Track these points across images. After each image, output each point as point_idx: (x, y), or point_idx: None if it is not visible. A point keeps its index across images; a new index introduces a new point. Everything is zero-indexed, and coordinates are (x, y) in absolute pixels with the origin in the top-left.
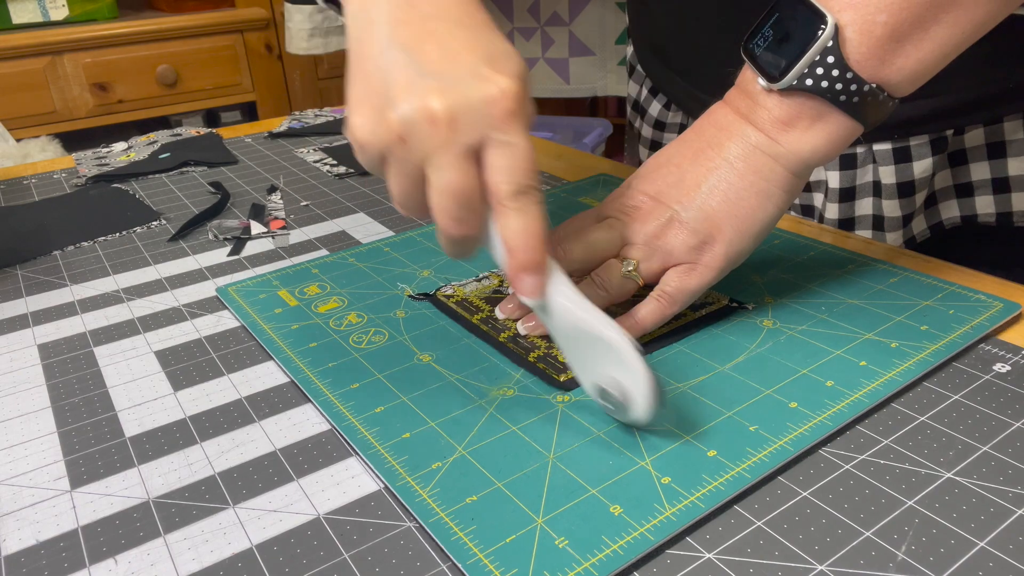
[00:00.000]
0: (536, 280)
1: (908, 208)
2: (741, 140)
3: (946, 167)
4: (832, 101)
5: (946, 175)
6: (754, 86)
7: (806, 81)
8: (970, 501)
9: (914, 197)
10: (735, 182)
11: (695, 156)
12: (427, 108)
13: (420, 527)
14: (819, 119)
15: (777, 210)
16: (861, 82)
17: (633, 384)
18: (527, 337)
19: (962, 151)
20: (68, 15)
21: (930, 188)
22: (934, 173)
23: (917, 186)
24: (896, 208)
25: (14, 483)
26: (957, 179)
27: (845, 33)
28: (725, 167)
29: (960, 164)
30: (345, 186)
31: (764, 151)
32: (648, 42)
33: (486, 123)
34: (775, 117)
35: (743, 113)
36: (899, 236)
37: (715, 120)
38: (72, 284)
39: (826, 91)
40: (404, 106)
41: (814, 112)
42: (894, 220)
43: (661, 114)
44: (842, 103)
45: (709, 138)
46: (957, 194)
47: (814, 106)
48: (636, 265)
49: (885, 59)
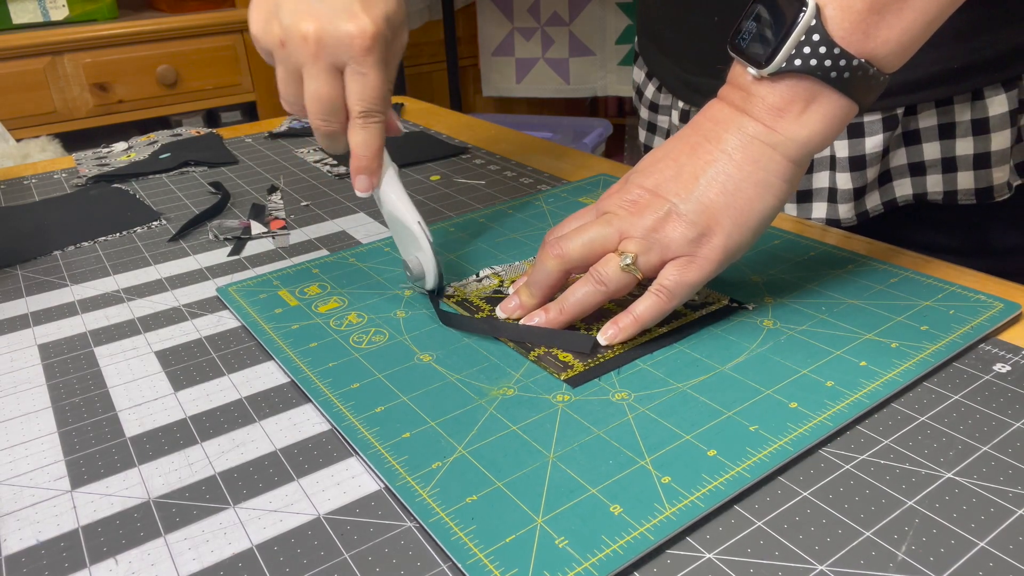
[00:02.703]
0: (368, 180)
1: (860, 182)
2: (738, 132)
3: (901, 146)
4: (823, 79)
5: (901, 154)
6: (745, 78)
7: (795, 62)
8: (970, 501)
9: (865, 171)
10: (733, 173)
11: (693, 150)
12: (300, 28)
13: (420, 527)
14: (813, 101)
15: (777, 200)
16: (849, 57)
17: (426, 264)
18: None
19: (916, 131)
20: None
21: (884, 165)
22: (887, 150)
23: (868, 161)
24: (848, 181)
25: (14, 483)
26: (911, 158)
27: (826, 11)
28: (723, 159)
29: (914, 144)
30: (345, 186)
31: (762, 140)
32: (648, 30)
33: (345, 52)
34: (769, 105)
35: (738, 106)
36: (851, 208)
37: (711, 115)
38: (72, 284)
39: (816, 69)
40: (286, 20)
41: (807, 94)
42: (846, 192)
43: (655, 96)
44: (833, 80)
45: (706, 132)
46: (911, 172)
47: (807, 88)
48: (634, 258)
49: (869, 32)
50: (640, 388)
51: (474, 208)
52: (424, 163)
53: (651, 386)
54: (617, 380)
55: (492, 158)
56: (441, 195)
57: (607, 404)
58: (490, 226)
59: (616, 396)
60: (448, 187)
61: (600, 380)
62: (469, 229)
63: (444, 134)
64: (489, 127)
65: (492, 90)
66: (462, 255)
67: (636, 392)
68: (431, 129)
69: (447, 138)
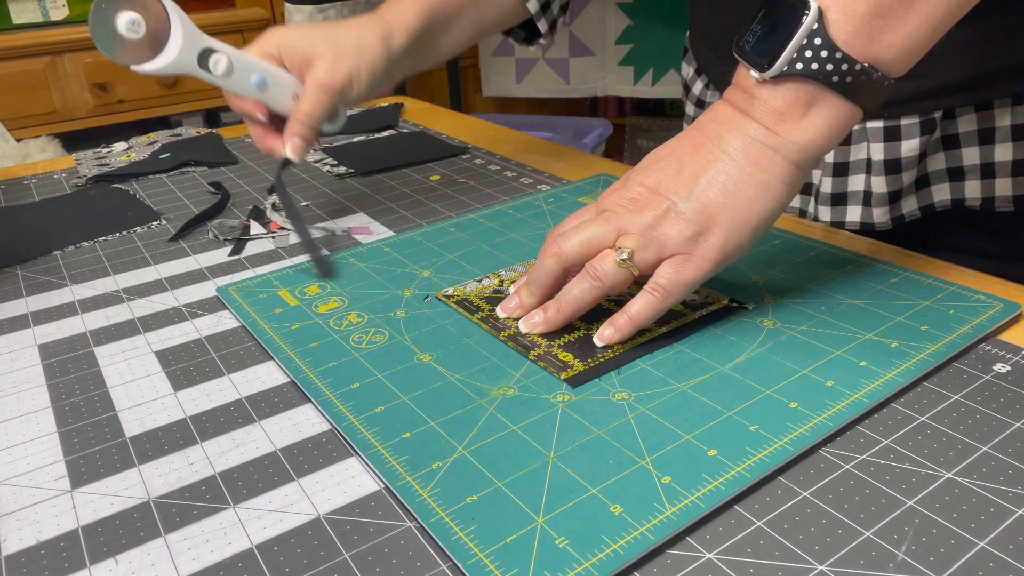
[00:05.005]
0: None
1: (895, 185)
2: (740, 133)
3: (940, 151)
4: (825, 83)
5: (939, 158)
6: (748, 80)
7: (796, 66)
8: (970, 501)
9: (901, 175)
10: (734, 174)
11: (695, 149)
12: None
13: (420, 527)
14: (814, 104)
15: (776, 203)
16: (852, 62)
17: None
18: (527, 336)
19: (955, 135)
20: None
21: (922, 169)
22: (924, 154)
23: (904, 164)
24: (883, 184)
25: (14, 483)
26: (950, 163)
27: (829, 15)
28: (724, 159)
29: (953, 148)
30: (345, 186)
31: (763, 143)
32: (699, 25)
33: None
34: (772, 108)
35: (741, 108)
36: (886, 212)
37: (715, 115)
38: (72, 284)
39: (817, 73)
40: None
41: (809, 98)
42: (881, 196)
43: (702, 92)
44: (835, 84)
45: (709, 133)
46: (949, 178)
47: (808, 91)
48: (631, 253)
49: (873, 36)
50: (640, 388)
51: (474, 208)
52: (424, 163)
53: (651, 386)
54: (617, 380)
55: (492, 158)
56: (441, 195)
57: (607, 404)
58: (490, 226)
59: (616, 396)
60: (448, 187)
61: (600, 380)
62: (469, 229)
63: (444, 134)
64: (489, 127)
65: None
66: (462, 255)
67: (636, 392)
68: (431, 129)
69: (447, 138)
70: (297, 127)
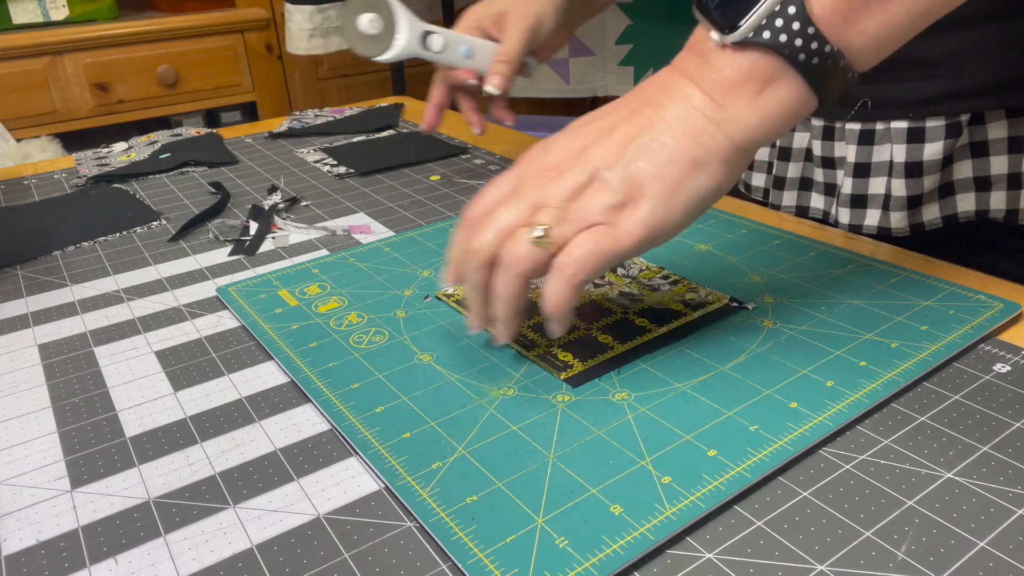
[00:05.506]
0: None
1: (915, 189)
2: (682, 101)
3: (967, 157)
4: (790, 59)
5: (966, 166)
6: (706, 43)
7: (763, 33)
8: (970, 501)
9: (922, 179)
10: (668, 143)
11: (630, 114)
12: None
13: (420, 527)
14: (771, 82)
15: (712, 182)
16: (823, 41)
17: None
18: (527, 335)
19: (984, 143)
20: (68, 15)
21: (947, 177)
22: (948, 160)
23: (926, 168)
24: (903, 188)
25: (14, 483)
26: (977, 171)
27: None
28: (660, 127)
29: (981, 156)
30: (345, 186)
31: (706, 115)
32: None
33: None
34: (724, 77)
35: (689, 74)
36: (904, 218)
37: (659, 80)
38: (72, 284)
39: (784, 46)
40: None
41: (767, 73)
42: (900, 200)
43: None
44: (800, 63)
45: (650, 97)
46: (976, 187)
47: (768, 66)
48: (546, 230)
49: (849, 18)
50: (640, 388)
51: None
52: (424, 163)
53: (651, 386)
54: (617, 380)
55: (492, 158)
56: (441, 195)
57: (607, 404)
58: None
59: (616, 396)
60: (448, 187)
61: (600, 380)
62: None
63: (444, 134)
64: (489, 127)
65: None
66: None
67: (636, 392)
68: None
69: (447, 138)
70: (499, 66)
